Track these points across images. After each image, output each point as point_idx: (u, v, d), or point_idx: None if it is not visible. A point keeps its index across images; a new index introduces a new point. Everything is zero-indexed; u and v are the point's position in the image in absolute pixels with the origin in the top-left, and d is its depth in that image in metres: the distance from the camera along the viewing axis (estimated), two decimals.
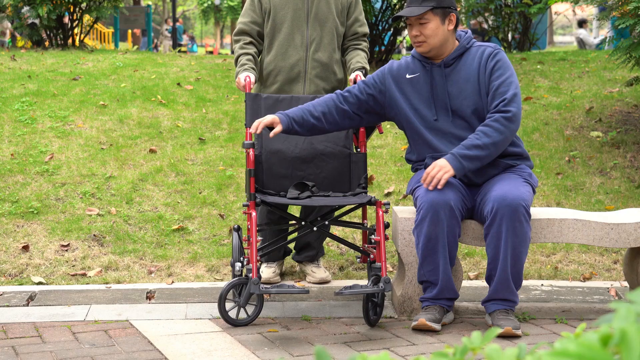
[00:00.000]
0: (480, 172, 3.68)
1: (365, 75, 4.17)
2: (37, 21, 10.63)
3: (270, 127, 3.70)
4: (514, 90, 3.61)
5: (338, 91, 3.86)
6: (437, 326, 3.57)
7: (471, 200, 3.70)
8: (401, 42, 11.71)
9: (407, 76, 3.79)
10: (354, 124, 3.87)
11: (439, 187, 3.51)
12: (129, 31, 23.02)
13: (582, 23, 17.33)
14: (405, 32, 10.08)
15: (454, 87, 3.72)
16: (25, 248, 4.61)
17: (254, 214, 3.70)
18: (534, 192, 3.70)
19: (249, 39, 4.31)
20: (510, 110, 3.58)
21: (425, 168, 3.68)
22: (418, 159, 3.82)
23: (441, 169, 3.52)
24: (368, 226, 3.92)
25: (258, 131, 3.66)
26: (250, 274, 3.60)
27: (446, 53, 3.76)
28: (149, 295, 4.08)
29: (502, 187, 3.56)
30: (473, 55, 3.74)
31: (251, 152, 3.74)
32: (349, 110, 3.79)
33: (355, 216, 4.95)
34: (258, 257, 3.70)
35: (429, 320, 3.56)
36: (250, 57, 4.25)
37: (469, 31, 3.87)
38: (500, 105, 3.59)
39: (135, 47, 17.64)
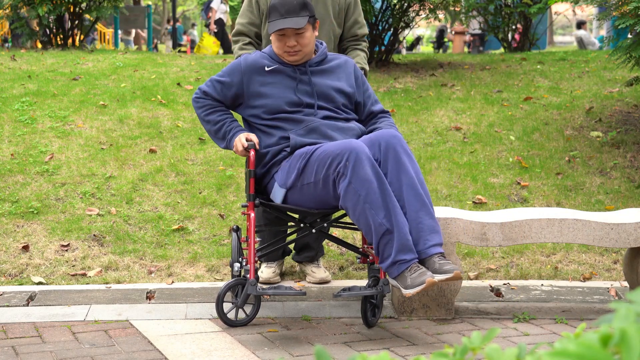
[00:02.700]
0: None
1: (365, 75, 4.20)
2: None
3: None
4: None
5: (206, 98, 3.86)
6: (439, 277, 3.33)
7: None
8: (401, 42, 11.69)
9: (266, 68, 3.81)
10: None
11: None
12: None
13: (580, 24, 17.34)
14: (406, 32, 10.06)
15: (322, 88, 3.80)
16: (25, 248, 4.61)
17: (252, 214, 3.70)
18: None
19: (247, 39, 4.32)
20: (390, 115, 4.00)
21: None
22: (273, 144, 3.76)
23: None
24: None
25: (245, 149, 3.70)
26: (248, 275, 3.60)
27: (308, 57, 3.84)
28: (149, 295, 4.08)
29: (382, 130, 3.64)
30: (335, 63, 3.89)
31: (252, 152, 3.74)
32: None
33: None
34: (256, 258, 3.71)
35: (431, 275, 3.30)
36: None
37: (324, 42, 3.98)
38: (385, 109, 3.98)
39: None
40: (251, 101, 3.82)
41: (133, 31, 16.78)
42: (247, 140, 3.71)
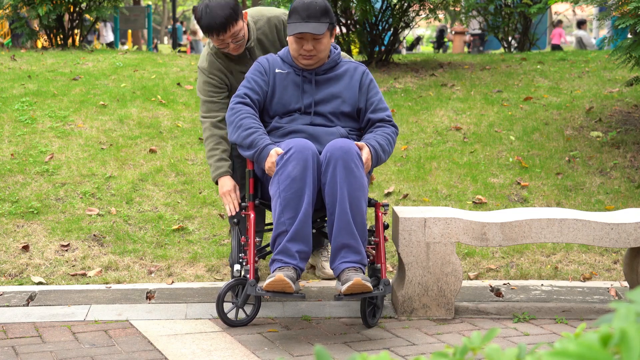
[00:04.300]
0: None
1: None
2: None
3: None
4: (387, 107, 3.92)
5: (245, 105, 3.76)
6: (294, 286, 3.37)
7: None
8: (401, 42, 11.69)
9: (277, 70, 3.83)
10: None
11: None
12: (129, 31, 23.01)
13: (580, 24, 17.35)
14: (406, 32, 10.07)
15: (322, 95, 3.80)
16: (25, 248, 4.61)
17: (252, 215, 3.71)
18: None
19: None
20: (395, 125, 3.86)
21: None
22: None
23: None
24: (368, 227, 3.91)
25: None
26: (248, 275, 3.60)
27: (322, 62, 3.83)
28: (149, 295, 4.08)
29: (335, 140, 3.61)
30: (344, 69, 3.86)
31: None
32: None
33: None
34: (256, 259, 3.71)
35: (286, 276, 3.35)
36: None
37: (338, 47, 3.95)
38: (387, 118, 3.84)
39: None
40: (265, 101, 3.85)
41: (200, 32, 16.69)
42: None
